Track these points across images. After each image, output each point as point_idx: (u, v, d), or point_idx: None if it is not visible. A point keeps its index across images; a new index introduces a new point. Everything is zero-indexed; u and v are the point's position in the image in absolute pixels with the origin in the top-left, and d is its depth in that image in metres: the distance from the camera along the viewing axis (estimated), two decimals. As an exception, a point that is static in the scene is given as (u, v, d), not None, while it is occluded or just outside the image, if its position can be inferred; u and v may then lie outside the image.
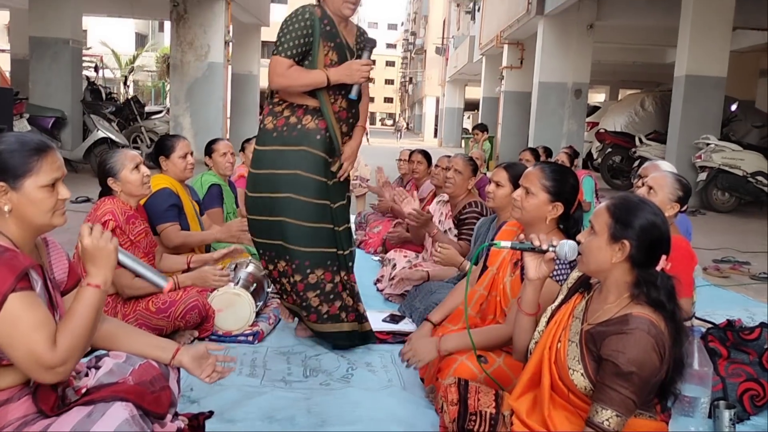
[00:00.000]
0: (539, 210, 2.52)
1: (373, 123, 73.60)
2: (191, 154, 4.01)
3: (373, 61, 3.33)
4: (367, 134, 31.58)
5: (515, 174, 3.14)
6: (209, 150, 4.77)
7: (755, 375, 2.72)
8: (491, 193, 3.34)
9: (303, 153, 3.16)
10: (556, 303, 2.15)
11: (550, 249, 2.09)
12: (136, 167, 3.23)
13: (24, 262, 1.64)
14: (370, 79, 3.37)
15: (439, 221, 4.53)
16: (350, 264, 3.36)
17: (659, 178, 3.10)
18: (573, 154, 6.79)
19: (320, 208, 3.20)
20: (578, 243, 2.04)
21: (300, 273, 3.20)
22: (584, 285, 2.12)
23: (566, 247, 2.07)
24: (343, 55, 3.19)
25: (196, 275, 3.40)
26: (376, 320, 3.59)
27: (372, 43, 3.28)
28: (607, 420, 1.81)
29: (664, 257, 1.91)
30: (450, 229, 4.42)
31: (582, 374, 1.91)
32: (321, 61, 3.15)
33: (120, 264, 1.81)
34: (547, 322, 2.11)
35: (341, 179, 3.30)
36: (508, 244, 2.20)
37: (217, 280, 3.40)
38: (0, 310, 1.56)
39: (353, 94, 3.17)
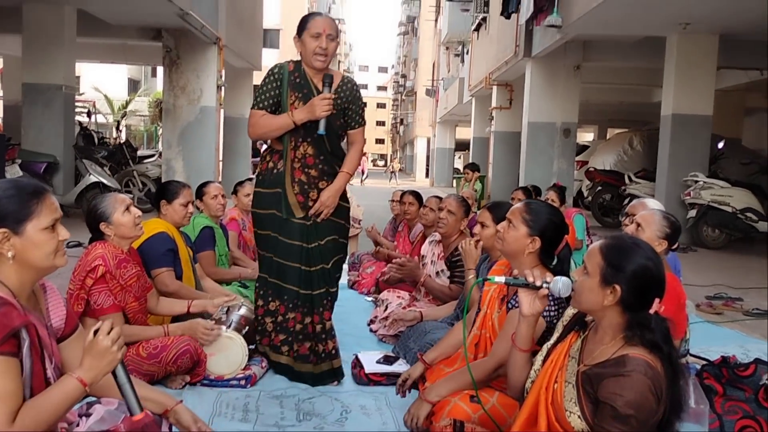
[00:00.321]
0: (518, 242, 2.57)
1: (364, 164, 73.88)
2: (192, 203, 4.03)
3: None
4: (363, 174, 31.72)
5: (499, 214, 3.21)
6: (200, 193, 4.79)
7: (752, 412, 2.71)
8: (477, 235, 3.41)
9: (278, 195, 3.48)
10: (552, 341, 2.14)
11: (544, 285, 2.09)
12: (127, 209, 3.23)
13: (15, 320, 1.62)
14: (362, 124, 3.58)
15: (432, 262, 4.53)
16: (325, 302, 3.50)
17: (647, 215, 3.14)
18: (560, 190, 6.80)
19: (291, 246, 3.46)
20: (572, 280, 2.05)
21: (262, 299, 3.55)
22: (579, 323, 2.11)
23: (560, 283, 2.07)
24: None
25: (187, 326, 3.37)
26: (370, 361, 3.57)
27: (330, 79, 3.40)
28: None
29: (657, 300, 1.90)
30: (443, 270, 4.41)
31: (579, 416, 1.89)
32: (289, 109, 3.42)
33: (113, 373, 1.79)
34: (543, 362, 2.10)
35: (320, 221, 3.46)
36: (502, 279, 2.22)
37: (204, 335, 3.34)
38: None
39: (321, 129, 3.33)
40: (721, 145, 11.85)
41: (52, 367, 1.75)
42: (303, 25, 3.42)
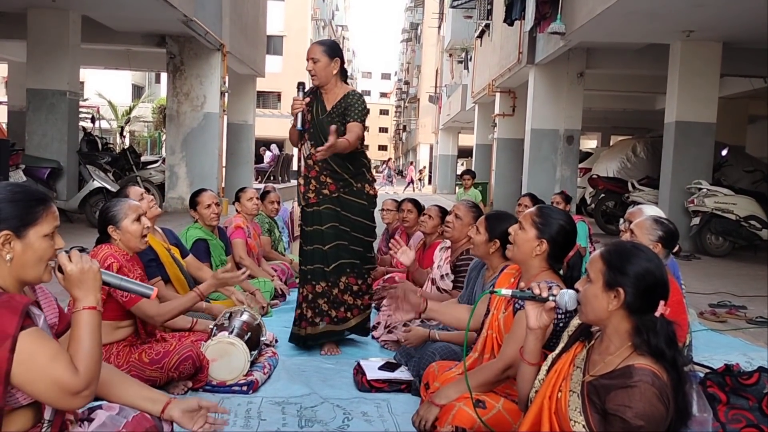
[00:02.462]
0: (527, 245, 2.60)
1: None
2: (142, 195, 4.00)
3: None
4: (411, 183, 31.71)
5: (496, 226, 3.28)
6: (193, 203, 4.73)
7: (755, 421, 2.70)
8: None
9: (296, 188, 4.25)
10: (557, 351, 2.13)
11: (551, 298, 2.08)
12: (138, 219, 3.24)
13: (22, 300, 1.65)
14: (356, 119, 4.05)
15: (438, 266, 4.54)
16: (332, 278, 4.12)
17: (640, 222, 3.21)
18: (566, 199, 6.81)
19: (308, 231, 4.16)
20: (578, 292, 2.04)
21: (309, 284, 4.15)
22: (585, 333, 2.11)
23: (566, 296, 2.06)
24: (314, 114, 4.11)
25: (217, 284, 3.41)
26: (372, 368, 3.56)
27: (301, 86, 4.10)
28: None
29: (662, 302, 1.90)
30: (447, 274, 4.40)
31: (583, 426, 1.88)
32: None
33: (104, 283, 1.83)
34: (548, 371, 2.09)
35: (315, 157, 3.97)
36: (509, 292, 2.20)
37: (234, 278, 3.41)
38: (14, 353, 1.57)
39: (297, 125, 4.01)
40: (724, 152, 11.83)
41: None
42: None
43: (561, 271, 2.67)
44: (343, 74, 4.19)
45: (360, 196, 4.16)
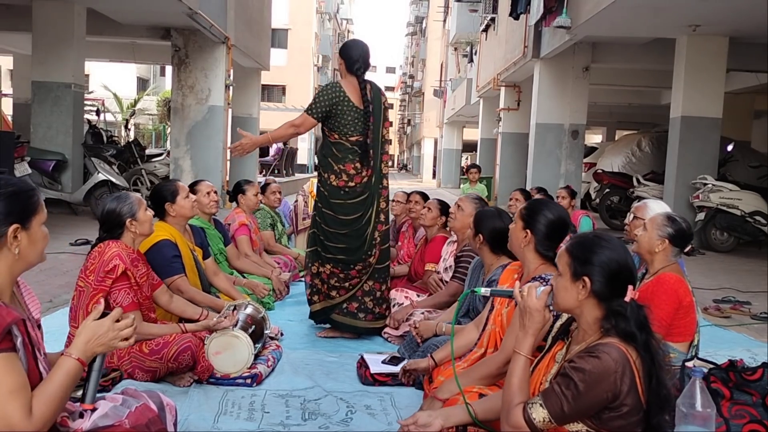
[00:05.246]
0: (515, 236, 2.74)
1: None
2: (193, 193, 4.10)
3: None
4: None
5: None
6: (192, 192, 4.76)
7: (759, 416, 2.69)
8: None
9: None
10: (541, 355, 2.20)
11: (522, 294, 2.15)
12: (145, 209, 3.34)
13: (6, 318, 1.62)
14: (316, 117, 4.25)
15: (444, 259, 4.59)
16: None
17: (654, 216, 3.23)
18: (571, 194, 6.81)
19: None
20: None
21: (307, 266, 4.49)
22: (565, 333, 2.17)
23: (538, 292, 2.13)
24: None
25: (204, 326, 3.45)
26: (376, 362, 3.56)
27: None
28: (531, 404, 1.89)
29: (630, 288, 1.95)
30: (451, 266, 4.43)
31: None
32: None
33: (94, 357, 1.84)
34: (533, 371, 2.16)
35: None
36: (487, 290, 2.36)
37: (218, 325, 3.42)
38: None
39: None
40: (730, 147, 11.80)
41: (42, 359, 1.76)
42: None
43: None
44: (349, 69, 4.34)
45: (324, 185, 4.34)
